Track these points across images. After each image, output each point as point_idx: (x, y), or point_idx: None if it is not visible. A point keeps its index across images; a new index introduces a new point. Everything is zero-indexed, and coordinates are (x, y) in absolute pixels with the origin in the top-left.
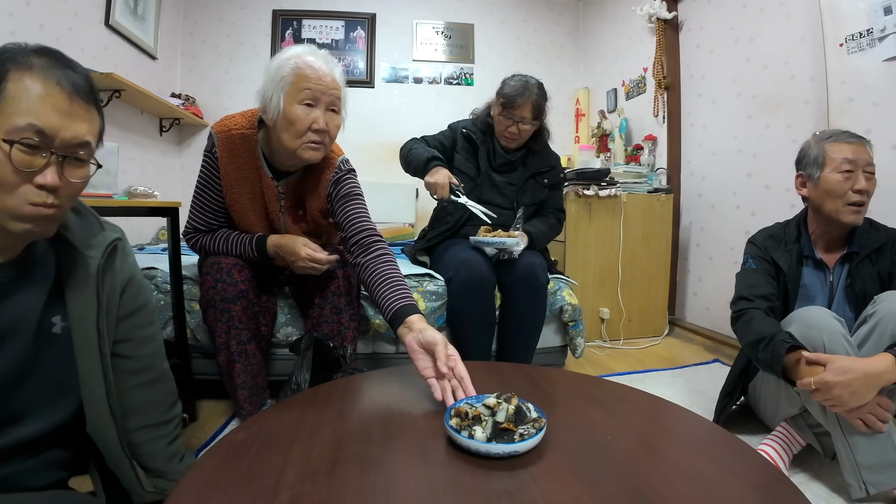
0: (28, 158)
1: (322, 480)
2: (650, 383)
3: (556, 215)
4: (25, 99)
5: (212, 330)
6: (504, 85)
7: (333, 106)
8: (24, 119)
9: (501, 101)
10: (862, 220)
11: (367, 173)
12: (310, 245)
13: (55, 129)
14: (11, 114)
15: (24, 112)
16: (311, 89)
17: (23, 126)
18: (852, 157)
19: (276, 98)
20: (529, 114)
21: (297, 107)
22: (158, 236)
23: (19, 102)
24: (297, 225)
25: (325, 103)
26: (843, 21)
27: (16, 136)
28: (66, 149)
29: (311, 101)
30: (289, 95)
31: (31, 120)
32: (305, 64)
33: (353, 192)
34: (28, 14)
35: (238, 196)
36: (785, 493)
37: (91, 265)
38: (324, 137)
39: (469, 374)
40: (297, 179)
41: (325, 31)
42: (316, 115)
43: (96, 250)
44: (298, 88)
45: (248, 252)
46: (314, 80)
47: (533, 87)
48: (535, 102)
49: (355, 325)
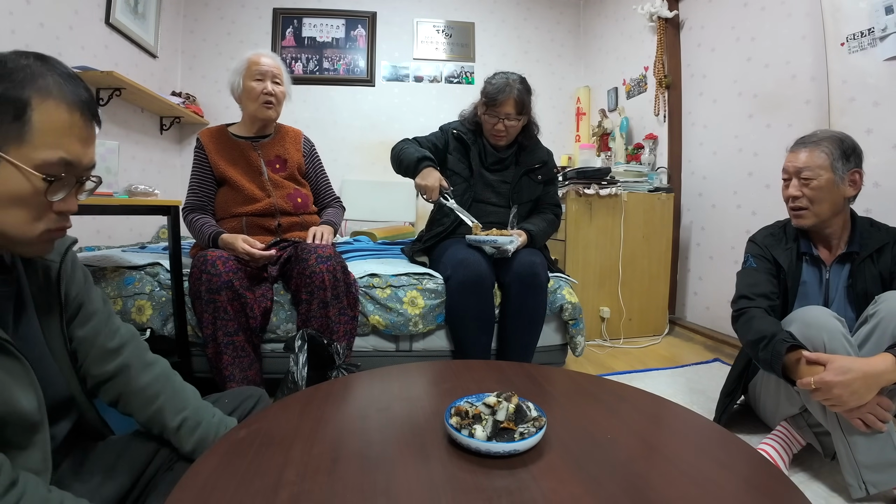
0: (57, 191)
1: (322, 479)
2: (650, 382)
3: (553, 211)
4: (53, 131)
5: (200, 322)
6: (486, 84)
7: (276, 79)
8: (54, 153)
9: (484, 100)
10: (805, 223)
11: (368, 172)
12: (248, 241)
13: (80, 159)
14: (40, 146)
15: (53, 146)
16: (258, 69)
17: (55, 161)
18: (786, 166)
19: (237, 80)
20: (513, 109)
21: (250, 82)
22: (159, 234)
23: (48, 135)
24: (277, 174)
25: (269, 77)
26: (845, 20)
27: (47, 170)
28: (84, 173)
29: (260, 77)
30: (244, 77)
31: (61, 154)
32: (253, 56)
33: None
34: (28, 12)
35: (233, 172)
36: (785, 493)
37: (51, 269)
38: (272, 98)
39: (469, 374)
40: (269, 141)
41: (325, 29)
42: (264, 84)
43: (55, 254)
44: (251, 71)
45: (207, 242)
46: (260, 63)
47: (514, 83)
48: (517, 98)
49: (346, 319)
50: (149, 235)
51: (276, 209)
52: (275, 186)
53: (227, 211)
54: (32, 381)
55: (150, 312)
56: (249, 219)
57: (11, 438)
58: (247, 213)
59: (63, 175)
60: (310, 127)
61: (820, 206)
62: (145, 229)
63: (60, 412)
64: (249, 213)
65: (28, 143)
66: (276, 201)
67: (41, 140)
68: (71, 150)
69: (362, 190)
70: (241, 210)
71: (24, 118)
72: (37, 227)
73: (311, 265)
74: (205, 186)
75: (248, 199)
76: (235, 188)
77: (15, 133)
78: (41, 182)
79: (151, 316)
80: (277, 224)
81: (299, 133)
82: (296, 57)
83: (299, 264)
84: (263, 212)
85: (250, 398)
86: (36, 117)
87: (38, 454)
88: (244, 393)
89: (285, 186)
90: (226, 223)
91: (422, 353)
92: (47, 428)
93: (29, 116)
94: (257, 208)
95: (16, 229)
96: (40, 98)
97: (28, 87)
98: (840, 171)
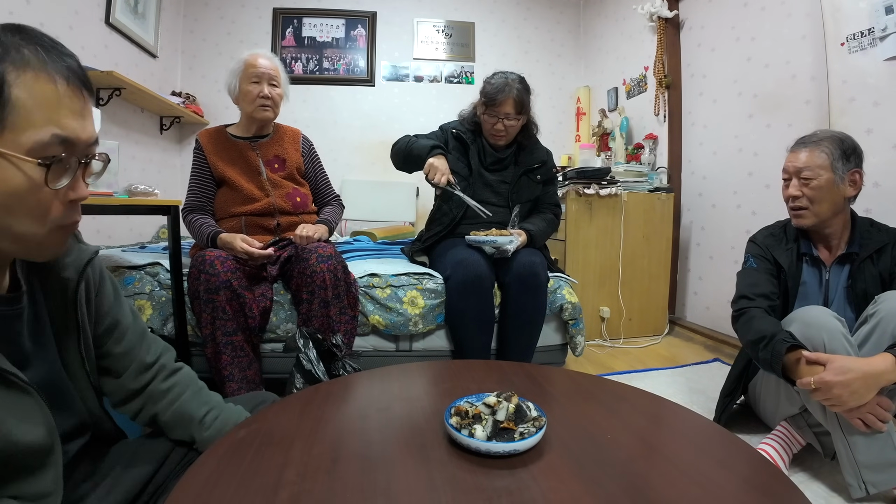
0: (60, 175)
1: (322, 479)
2: (650, 382)
3: (552, 210)
4: (39, 106)
5: (199, 322)
6: (485, 84)
7: (273, 81)
8: (45, 131)
9: (484, 100)
10: (805, 223)
11: (368, 172)
12: (247, 240)
13: (76, 134)
14: (27, 127)
15: (42, 122)
16: (255, 72)
17: (48, 141)
18: (786, 166)
19: (234, 82)
20: (512, 109)
21: (247, 85)
22: (159, 234)
23: (33, 112)
24: (276, 174)
25: (266, 79)
26: (845, 20)
27: (41, 153)
28: (86, 151)
29: (256, 80)
30: (241, 79)
31: (53, 130)
32: (250, 57)
33: (319, 166)
34: (28, 12)
35: (232, 172)
36: (784, 493)
37: (68, 287)
38: (268, 101)
39: (469, 374)
40: (267, 141)
41: (325, 29)
42: (261, 87)
43: (72, 270)
44: (247, 74)
45: (206, 241)
46: (256, 66)
47: (513, 83)
48: (516, 97)
49: (346, 318)
50: (149, 235)
51: (275, 209)
52: (273, 186)
53: (226, 211)
54: (41, 410)
55: (149, 312)
56: (248, 218)
57: (17, 468)
58: (246, 212)
59: (62, 156)
60: (310, 127)
61: (820, 205)
62: (145, 229)
63: (76, 432)
64: (248, 212)
65: (12, 127)
66: (275, 201)
67: (27, 120)
68: (64, 125)
69: (362, 190)
70: (240, 210)
71: (2, 98)
72: (45, 224)
73: (311, 265)
74: (204, 187)
75: (246, 198)
76: (234, 188)
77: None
78: (37, 169)
79: (151, 316)
80: (276, 223)
81: (298, 133)
82: (296, 57)
83: (300, 264)
84: (262, 211)
85: (263, 403)
86: (16, 94)
87: (50, 476)
88: (257, 398)
89: (284, 186)
90: (225, 223)
91: (422, 353)
92: (59, 451)
93: (8, 95)
94: (256, 208)
95: (20, 232)
96: (17, 72)
97: (1, 63)
98: (840, 171)
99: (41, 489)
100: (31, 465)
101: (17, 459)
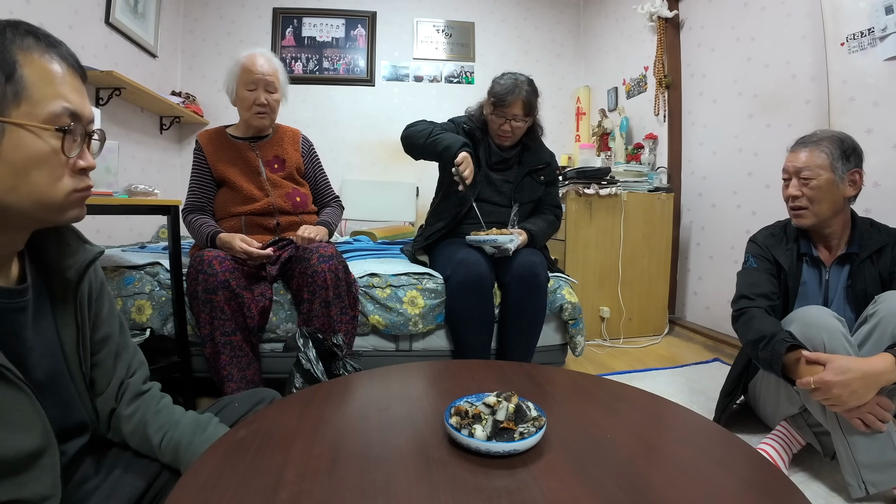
0: (72, 144)
1: (322, 479)
2: (650, 382)
3: (553, 212)
4: (48, 82)
5: (198, 322)
6: (494, 84)
7: (270, 86)
8: (57, 104)
9: (492, 101)
10: (805, 223)
11: (368, 172)
12: (246, 240)
13: (81, 109)
14: (41, 99)
15: (53, 96)
16: (251, 78)
17: (60, 111)
18: (786, 166)
19: (232, 86)
20: (521, 111)
21: (243, 91)
22: (159, 234)
23: (45, 86)
24: (276, 174)
25: (262, 85)
26: (845, 20)
27: (56, 122)
28: (88, 126)
29: (253, 86)
30: (238, 83)
31: (64, 103)
32: (247, 60)
33: (319, 166)
34: (28, 12)
35: (232, 172)
36: (784, 493)
37: (68, 288)
38: (264, 109)
39: (469, 373)
40: (267, 142)
41: (325, 29)
42: (257, 94)
43: (73, 271)
44: (243, 79)
45: (205, 241)
46: (253, 71)
47: (523, 84)
48: (525, 99)
49: (347, 318)
50: (149, 235)
51: (275, 208)
52: (273, 186)
53: (226, 211)
54: (35, 411)
55: (149, 312)
56: (248, 218)
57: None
58: (245, 212)
59: (72, 125)
60: (310, 127)
61: (820, 205)
62: (145, 229)
63: (76, 431)
64: (248, 212)
65: (28, 100)
66: (275, 201)
67: (40, 93)
68: (71, 99)
69: (362, 190)
70: (240, 210)
71: (15, 76)
72: (61, 188)
73: (313, 265)
74: (204, 188)
75: (246, 198)
76: (234, 188)
77: (12, 94)
78: (55, 137)
79: (151, 316)
80: (276, 223)
81: (297, 133)
82: (296, 57)
83: (301, 264)
84: (262, 211)
85: (263, 402)
86: (27, 72)
87: (47, 478)
88: (258, 395)
89: (284, 186)
90: (225, 223)
91: (422, 353)
92: (56, 453)
93: (20, 74)
94: (256, 208)
95: (42, 194)
96: (24, 54)
97: (9, 47)
98: (840, 170)
99: (39, 492)
100: (26, 470)
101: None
